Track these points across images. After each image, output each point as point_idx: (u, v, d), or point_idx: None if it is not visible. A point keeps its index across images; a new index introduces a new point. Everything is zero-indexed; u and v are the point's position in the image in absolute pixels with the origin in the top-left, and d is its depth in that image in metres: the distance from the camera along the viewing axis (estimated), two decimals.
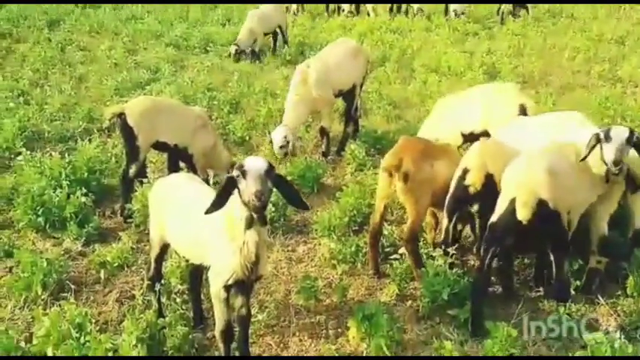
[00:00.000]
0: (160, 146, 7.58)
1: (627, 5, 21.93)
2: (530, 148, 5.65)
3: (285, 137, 8.59)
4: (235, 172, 4.26)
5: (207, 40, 15.09)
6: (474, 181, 5.51)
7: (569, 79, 12.94)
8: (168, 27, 16.51)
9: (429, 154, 6.05)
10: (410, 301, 5.76)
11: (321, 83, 8.82)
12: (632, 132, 5.31)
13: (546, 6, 20.85)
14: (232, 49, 13.86)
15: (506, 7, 18.66)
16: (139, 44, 15.10)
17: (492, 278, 5.69)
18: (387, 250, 6.45)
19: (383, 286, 6.00)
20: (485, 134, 7.31)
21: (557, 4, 21.35)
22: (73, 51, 14.09)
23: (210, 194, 4.64)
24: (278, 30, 15.03)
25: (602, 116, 10.00)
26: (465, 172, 5.62)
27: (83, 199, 6.87)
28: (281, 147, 8.62)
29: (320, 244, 6.78)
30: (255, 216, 4.30)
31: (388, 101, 11.02)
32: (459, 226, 5.97)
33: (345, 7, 19.37)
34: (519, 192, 5.00)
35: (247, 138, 9.51)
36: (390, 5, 19.52)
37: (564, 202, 5.19)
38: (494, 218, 5.19)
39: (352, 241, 6.48)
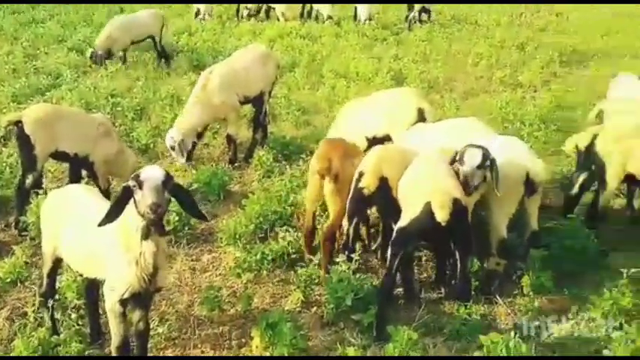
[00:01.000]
0: (58, 155, 7.28)
1: (528, 12, 22.91)
2: (421, 154, 5.80)
3: (173, 138, 8.51)
4: (131, 182, 4.15)
5: None
6: (368, 184, 5.60)
7: (472, 85, 13.34)
8: (71, 31, 15.93)
9: (350, 153, 6.20)
10: (315, 308, 5.76)
11: (224, 89, 8.74)
12: (484, 157, 5.40)
13: (451, 12, 21.49)
14: (89, 52, 13.21)
15: (413, 14, 19.09)
16: (39, 49, 14.49)
17: None
18: (293, 256, 6.42)
19: (288, 294, 5.97)
20: (389, 139, 7.48)
21: (463, 11, 22.08)
22: None
23: (105, 206, 4.49)
24: (152, 40, 13.88)
25: (503, 121, 10.38)
26: (361, 175, 5.71)
27: None
28: (171, 148, 8.60)
29: (225, 253, 6.69)
30: (151, 227, 4.19)
31: (297, 107, 11.02)
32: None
33: (252, 7, 19.26)
34: (435, 195, 5.07)
35: (152, 145, 9.27)
36: (300, 11, 19.58)
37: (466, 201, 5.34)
38: (403, 223, 5.25)
39: (258, 248, 6.42)
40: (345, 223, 6.02)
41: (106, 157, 7.43)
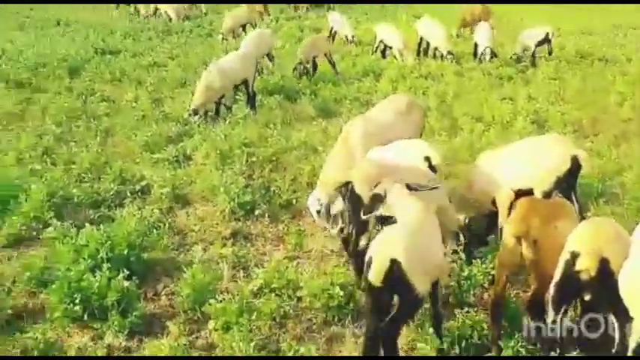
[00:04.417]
0: None
1: None
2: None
3: (319, 200, 7.78)
4: None
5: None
6: (588, 267, 4.72)
7: (621, 128, 12.19)
8: (192, 74, 15.78)
9: (552, 215, 5.47)
10: None
11: (366, 142, 8.01)
12: None
13: (575, 47, 20.27)
14: (188, 113, 12.05)
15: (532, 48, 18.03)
16: (163, 93, 14.39)
17: None
18: None
19: None
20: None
21: (585, 46, 20.81)
22: (96, 101, 13.34)
23: None
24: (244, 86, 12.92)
25: None
26: (574, 255, 4.83)
27: (126, 283, 6.04)
28: (317, 212, 7.76)
29: None
30: None
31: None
32: None
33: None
34: None
35: (294, 201, 8.67)
36: (416, 49, 18.88)
37: None
38: None
39: None
40: (550, 314, 5.12)
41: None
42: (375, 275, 4.90)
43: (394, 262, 4.87)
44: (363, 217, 6.09)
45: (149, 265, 6.98)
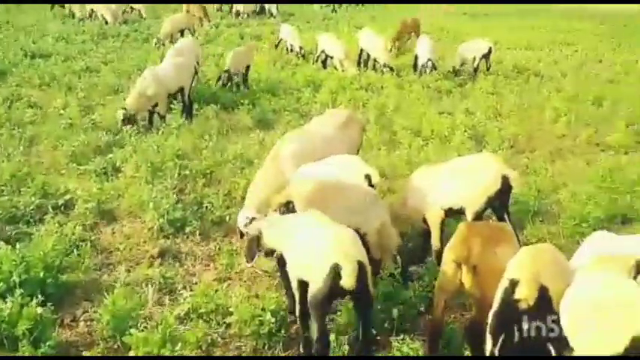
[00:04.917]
0: None
1: (590, 63, 21.89)
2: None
3: (248, 218, 7.48)
4: None
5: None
6: (526, 296, 4.55)
7: (555, 144, 12.33)
8: (126, 80, 15.27)
9: (493, 239, 5.32)
10: None
11: (297, 159, 7.66)
12: None
13: (512, 62, 20.53)
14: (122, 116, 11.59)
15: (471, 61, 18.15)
16: (94, 100, 13.80)
17: None
18: None
19: None
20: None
21: (522, 60, 21.16)
22: (21, 108, 12.66)
23: None
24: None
25: (609, 191, 9.21)
26: (513, 283, 4.66)
27: (40, 309, 5.58)
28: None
29: None
30: None
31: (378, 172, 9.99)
32: None
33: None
34: None
35: (227, 218, 8.31)
36: (357, 59, 18.78)
37: None
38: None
39: None
40: (488, 343, 4.95)
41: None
42: (350, 278, 4.91)
43: (359, 264, 4.97)
44: (249, 265, 6.20)
45: (68, 287, 6.53)
